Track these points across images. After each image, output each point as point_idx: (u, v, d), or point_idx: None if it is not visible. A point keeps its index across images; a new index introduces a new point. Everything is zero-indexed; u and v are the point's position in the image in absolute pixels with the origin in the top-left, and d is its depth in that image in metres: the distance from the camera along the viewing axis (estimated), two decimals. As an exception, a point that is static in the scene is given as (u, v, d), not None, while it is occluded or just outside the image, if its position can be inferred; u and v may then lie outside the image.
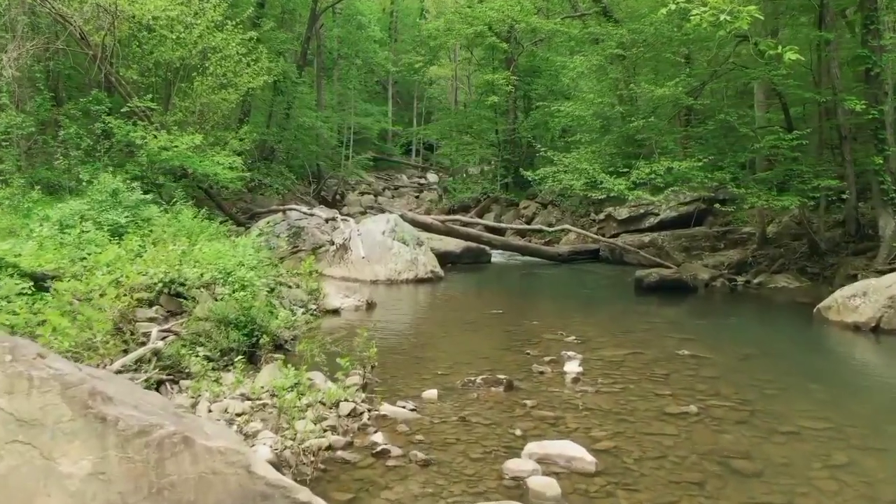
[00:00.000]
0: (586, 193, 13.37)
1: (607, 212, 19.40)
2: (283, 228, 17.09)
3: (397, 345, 8.73)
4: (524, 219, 23.83)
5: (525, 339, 9.08)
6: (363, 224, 16.05)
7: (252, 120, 26.15)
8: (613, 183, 12.17)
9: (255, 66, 17.43)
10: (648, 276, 13.30)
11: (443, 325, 10.17)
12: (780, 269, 14.05)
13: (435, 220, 17.48)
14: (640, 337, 9.29)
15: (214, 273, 8.26)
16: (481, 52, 27.70)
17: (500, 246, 18.13)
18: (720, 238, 17.41)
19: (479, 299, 12.98)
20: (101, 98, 15.68)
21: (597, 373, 7.41)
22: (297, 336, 7.93)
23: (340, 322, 10.25)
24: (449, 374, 7.36)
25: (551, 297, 13.20)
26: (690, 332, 9.67)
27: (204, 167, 15.34)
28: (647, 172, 11.85)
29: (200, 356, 6.70)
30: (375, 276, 14.69)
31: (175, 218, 10.20)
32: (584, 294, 13.58)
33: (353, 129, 36.46)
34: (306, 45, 29.00)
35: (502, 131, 25.15)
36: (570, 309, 11.65)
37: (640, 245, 17.47)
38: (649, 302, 12.63)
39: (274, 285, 9.54)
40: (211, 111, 17.32)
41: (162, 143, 14.64)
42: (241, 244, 9.51)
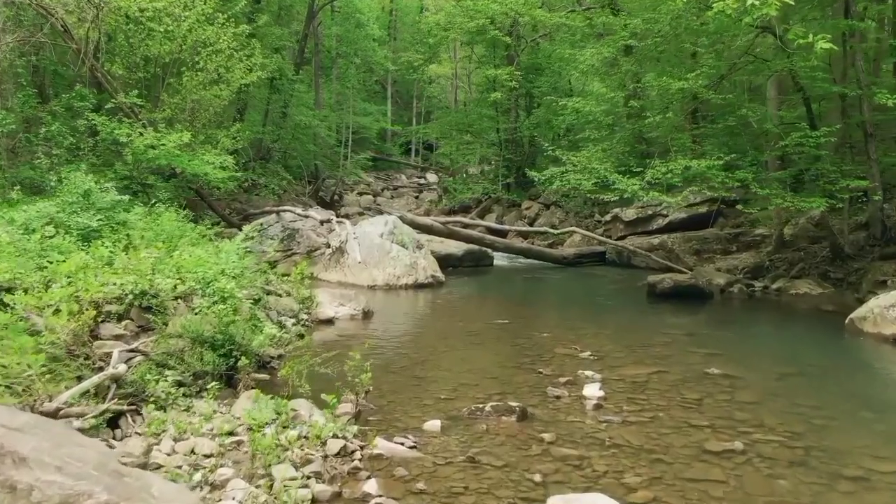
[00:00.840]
0: (597, 195, 12.45)
1: (614, 213, 18.46)
2: (277, 230, 16.17)
3: (395, 361, 7.80)
4: (526, 220, 22.90)
5: (536, 354, 8.15)
6: (360, 226, 15.11)
7: (248, 118, 25.23)
8: (627, 183, 11.24)
9: (247, 62, 16.45)
10: (662, 282, 12.37)
11: (445, 338, 9.23)
12: (800, 273, 13.12)
13: (435, 222, 16.55)
14: (661, 352, 8.35)
15: (192, 283, 7.31)
16: (482, 50, 26.77)
17: (502, 248, 17.19)
18: (732, 240, 16.48)
19: (482, 307, 12.04)
20: (85, 94, 14.73)
21: (620, 397, 6.47)
22: (284, 355, 6.96)
23: (334, 333, 9.32)
24: (453, 398, 6.43)
25: (559, 304, 12.26)
26: (714, 345, 8.74)
27: (193, 167, 14.39)
28: (663, 172, 10.92)
29: (169, 381, 5.76)
30: (373, 280, 13.76)
31: (154, 221, 9.25)
32: (593, 301, 12.65)
33: (351, 128, 35.50)
34: (303, 43, 28.04)
35: (504, 130, 24.20)
36: (580, 318, 10.71)
37: (649, 248, 16.54)
38: (664, 310, 11.70)
39: (260, 295, 8.58)
40: (202, 108, 16.35)
41: (148, 142, 13.70)
42: (225, 250, 8.56)
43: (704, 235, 16.64)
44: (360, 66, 37.10)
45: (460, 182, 26.54)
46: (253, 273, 10.12)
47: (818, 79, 11.05)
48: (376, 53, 37.49)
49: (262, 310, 8.53)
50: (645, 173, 11.17)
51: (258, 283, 9.96)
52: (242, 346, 6.34)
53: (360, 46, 35.60)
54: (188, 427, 5.10)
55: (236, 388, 6.21)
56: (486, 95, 25.97)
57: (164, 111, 15.26)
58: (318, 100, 30.80)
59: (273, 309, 9.06)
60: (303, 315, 9.87)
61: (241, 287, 8.13)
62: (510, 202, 23.87)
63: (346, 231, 14.10)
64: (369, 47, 36.51)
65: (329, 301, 10.69)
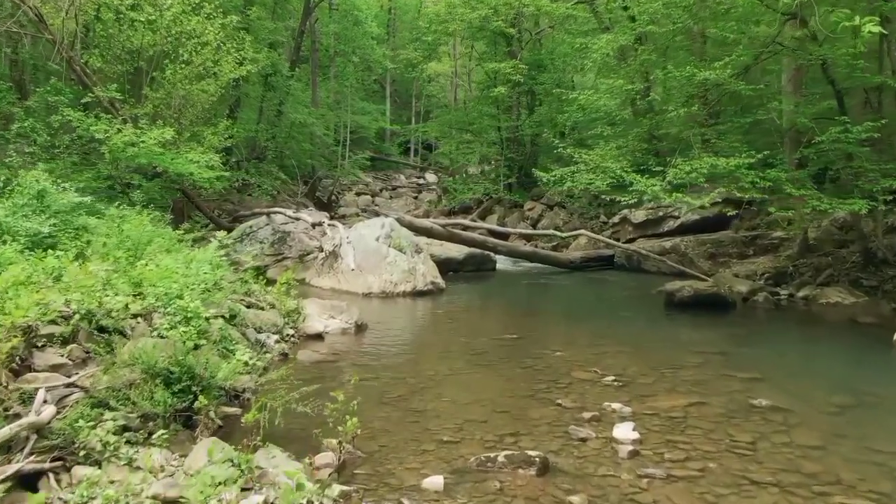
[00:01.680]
0: (612, 196, 11.28)
1: (622, 214, 17.30)
2: (268, 233, 15.00)
3: (390, 389, 6.63)
4: (529, 221, 21.75)
5: (551, 379, 6.98)
6: (355, 229, 13.94)
7: (243, 116, 24.06)
8: (645, 184, 10.06)
9: (236, 55, 15.26)
10: (681, 291, 11.21)
11: (447, 358, 8.06)
12: (829, 280, 11.97)
13: (435, 224, 15.38)
14: (694, 375, 7.19)
15: (153, 299, 6.15)
16: (483, 46, 25.60)
17: (506, 252, 16.03)
18: (749, 244, 15.33)
19: (487, 318, 10.87)
20: (61, 88, 13.57)
21: (657, 439, 5.31)
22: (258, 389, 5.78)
23: (323, 351, 8.15)
24: (458, 440, 5.27)
25: (570, 314, 11.07)
26: (752, 366, 7.58)
27: (176, 166, 13.22)
28: (686, 171, 9.76)
29: (108, 427, 4.60)
30: (368, 287, 12.60)
31: (118, 226, 8.07)
32: (607, 311, 11.47)
33: (349, 127, 34.28)
34: (300, 40, 26.83)
35: (506, 128, 23.02)
36: (595, 332, 9.54)
37: (662, 251, 15.40)
38: (685, 321, 10.54)
39: (236, 311, 7.40)
40: (188, 104, 15.16)
41: (127, 139, 12.53)
42: (197, 259, 7.39)
43: (719, 238, 15.49)
44: (359, 64, 35.88)
45: (460, 182, 25.36)
46: (232, 283, 9.00)
47: (858, 68, 9.87)
48: (375, 51, 36.29)
49: (238, 328, 7.36)
50: (665, 172, 10.00)
51: (238, 294, 8.83)
52: (204, 380, 5.17)
53: (358, 44, 34.37)
54: (123, 495, 3.93)
55: (195, 431, 5.04)
56: (488, 93, 24.82)
57: (146, 107, 14.10)
58: (314, 98, 29.61)
59: (252, 325, 7.88)
60: (288, 330, 8.71)
61: (214, 302, 6.97)
62: (512, 203, 22.71)
63: (339, 235, 12.91)
64: (367, 45, 35.27)
65: (318, 313, 9.53)
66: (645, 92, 12.80)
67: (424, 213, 25.13)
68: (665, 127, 11.45)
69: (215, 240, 8.20)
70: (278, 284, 9.33)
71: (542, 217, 21.66)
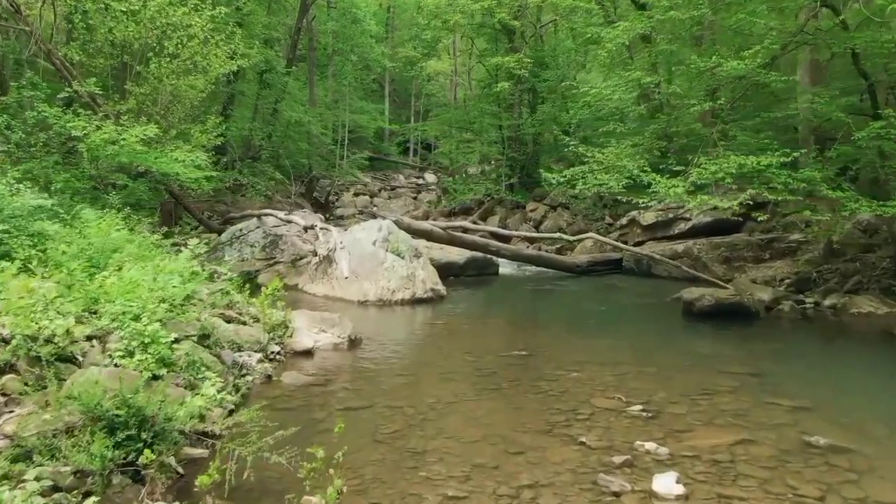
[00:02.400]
0: (628, 197, 10.29)
1: (631, 216, 16.32)
2: (259, 237, 14.01)
3: (385, 421, 5.66)
4: (532, 222, 20.77)
5: (570, 408, 6.00)
6: (351, 232, 12.94)
7: (238, 115, 23.09)
8: (667, 185, 9.08)
9: (225, 48, 14.23)
10: (701, 300, 10.23)
11: (449, 380, 7.07)
12: (857, 288, 11.01)
13: (435, 227, 14.39)
14: (731, 404, 6.22)
15: (106, 321, 5.17)
16: (484, 43, 24.60)
17: (509, 256, 15.05)
18: (764, 247, 14.36)
19: (492, 330, 9.87)
20: (37, 82, 12.57)
21: (706, 493, 4.34)
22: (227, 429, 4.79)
23: (311, 372, 7.17)
24: (466, 495, 4.32)
25: (582, 326, 10.07)
26: (795, 391, 6.61)
27: (160, 165, 12.23)
28: (712, 171, 8.78)
29: (34, 489, 3.62)
30: (364, 295, 11.62)
31: (79, 232, 7.08)
32: (621, 321, 10.48)
33: (347, 127, 33.29)
34: (296, 37, 25.82)
35: (507, 127, 22.01)
36: (612, 347, 8.56)
37: (673, 255, 14.41)
38: (708, 333, 9.56)
39: (209, 330, 6.41)
40: (176, 100, 14.15)
41: (107, 136, 11.53)
42: (167, 270, 6.41)
43: (734, 242, 14.51)
44: (357, 63, 34.91)
45: (460, 182, 24.36)
46: (213, 294, 8.02)
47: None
48: (373, 50, 35.32)
49: (212, 349, 6.37)
50: (687, 172, 9.02)
51: (219, 307, 7.85)
52: (157, 424, 4.18)
53: (356, 43, 33.38)
54: None
55: (143, 488, 4.06)
56: (489, 91, 23.84)
57: (129, 102, 13.10)
58: (312, 97, 28.62)
59: (231, 344, 6.89)
60: (273, 347, 7.72)
61: (183, 321, 5.99)
62: (514, 204, 21.71)
63: (333, 240, 11.93)
64: (366, 43, 34.31)
65: (308, 326, 8.54)
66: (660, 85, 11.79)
67: (424, 213, 24.15)
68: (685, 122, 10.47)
69: (188, 248, 7.20)
70: (263, 295, 8.32)
71: (546, 218, 20.68)
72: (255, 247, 13.78)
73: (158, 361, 4.88)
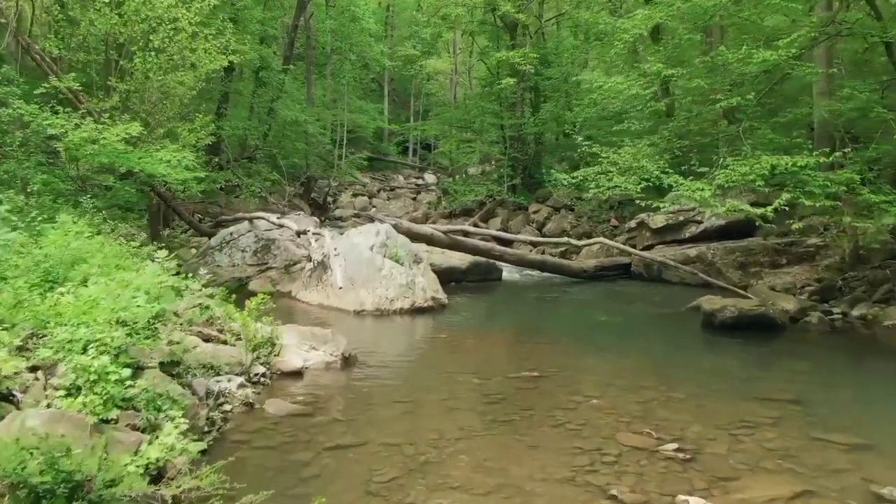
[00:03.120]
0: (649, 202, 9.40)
1: (639, 219, 15.45)
2: (250, 241, 13.13)
3: (381, 467, 4.78)
4: (535, 224, 19.91)
5: (594, 447, 5.13)
6: (347, 237, 12.07)
7: (233, 114, 22.20)
8: (691, 188, 8.20)
9: (214, 42, 13.32)
10: (723, 311, 9.36)
11: (454, 409, 6.19)
12: (888, 297, 10.15)
13: (436, 231, 13.51)
14: (777, 439, 5.35)
15: (48, 352, 4.30)
16: (485, 40, 23.71)
17: (514, 261, 14.18)
18: (781, 252, 13.50)
19: (498, 345, 8.98)
20: (12, 77, 11.69)
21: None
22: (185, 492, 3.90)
23: (298, 397, 6.31)
24: (478, 574, 3.42)
25: (595, 340, 9.16)
26: (846, 423, 5.76)
27: (144, 165, 11.34)
28: (741, 173, 7.92)
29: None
30: (361, 304, 10.76)
31: (35, 241, 6.20)
32: (638, 335, 9.57)
33: (346, 127, 32.38)
34: (293, 34, 24.91)
35: (510, 126, 21.12)
36: (633, 367, 7.69)
37: (686, 260, 13.56)
38: (734, 350, 8.70)
39: (179, 357, 5.52)
40: (164, 97, 13.25)
41: (86, 134, 10.65)
42: (133, 286, 5.53)
43: (749, 246, 13.64)
44: (356, 62, 34.01)
45: (461, 183, 23.46)
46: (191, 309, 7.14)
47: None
48: (372, 49, 34.43)
49: (182, 377, 5.49)
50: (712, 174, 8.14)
51: (197, 323, 6.97)
52: (96, 492, 3.31)
53: (355, 41, 32.49)
54: None
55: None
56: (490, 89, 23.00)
57: (112, 99, 12.21)
58: (309, 96, 27.69)
59: (206, 370, 6.02)
60: (258, 368, 6.85)
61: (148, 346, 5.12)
62: (516, 205, 20.84)
63: (326, 245, 11.06)
64: (365, 42, 33.42)
65: (297, 343, 7.67)
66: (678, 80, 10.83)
67: (423, 215, 23.27)
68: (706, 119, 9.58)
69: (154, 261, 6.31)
70: (247, 309, 7.43)
71: (549, 220, 19.83)
72: (247, 252, 12.90)
73: (107, 402, 4.01)
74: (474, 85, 28.19)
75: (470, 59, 28.49)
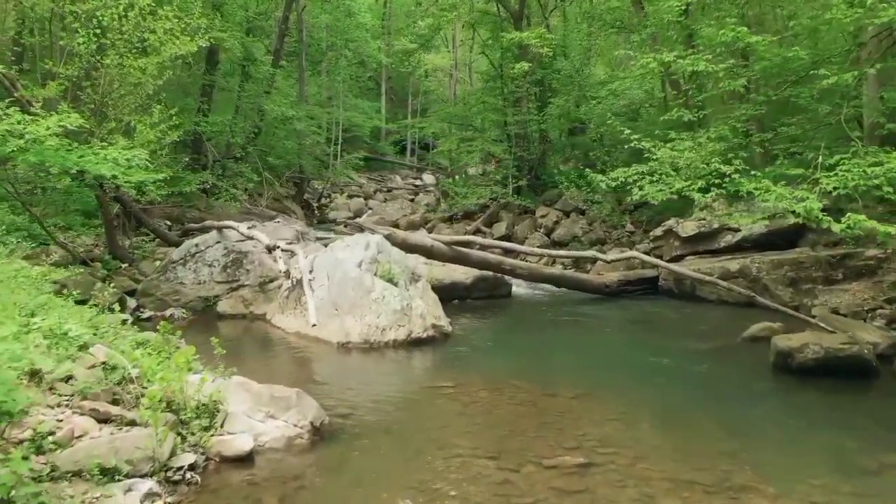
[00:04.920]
0: (725, 217, 7.06)
1: (667, 226, 13.16)
2: (218, 254, 10.80)
3: None
4: (543, 230, 17.63)
5: None
6: (330, 251, 9.77)
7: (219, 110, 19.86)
8: (787, 197, 5.85)
9: (178, 23, 10.97)
10: (803, 351, 7.08)
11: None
12: None
13: (437, 242, 11.17)
14: None
15: None
16: (487, 33, 21.39)
17: (527, 276, 11.88)
18: (836, 265, 11.22)
19: (521, 402, 6.48)
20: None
21: None
22: None
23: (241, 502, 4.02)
24: None
25: (648, 394, 6.65)
26: None
27: (84, 164, 9.04)
28: (859, 174, 5.64)
29: None
30: (345, 335, 8.48)
31: None
32: (697, 383, 7.10)
33: (342, 125, 30.05)
34: (283, 26, 22.49)
35: (515, 123, 18.79)
36: (713, 448, 5.35)
37: (726, 275, 11.28)
38: (826, 406, 6.42)
39: (13, 482, 3.20)
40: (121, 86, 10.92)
41: (7, 128, 8.35)
42: None
43: (799, 258, 11.35)
44: (352, 58, 31.69)
45: (461, 184, 21.12)
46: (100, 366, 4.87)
47: None
48: (369, 45, 32.11)
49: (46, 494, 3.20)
50: (813, 177, 5.84)
51: (101, 387, 4.69)
52: None
53: (350, 37, 30.18)
54: None
55: None
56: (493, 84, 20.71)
57: (51, 87, 9.92)
58: (302, 93, 25.34)
59: (97, 472, 3.73)
60: (183, 458, 4.55)
61: None
62: (522, 209, 18.54)
63: (300, 268, 8.78)
64: (361, 37, 31.10)
65: (250, 408, 5.36)
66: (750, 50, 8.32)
67: (422, 218, 20.97)
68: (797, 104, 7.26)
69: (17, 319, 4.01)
70: (174, 364, 5.11)
71: (558, 225, 17.54)
72: (215, 266, 10.59)
73: None
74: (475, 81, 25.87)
75: (470, 54, 26.17)
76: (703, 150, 6.97)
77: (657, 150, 7.41)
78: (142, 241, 12.66)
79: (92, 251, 11.85)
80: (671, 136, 7.87)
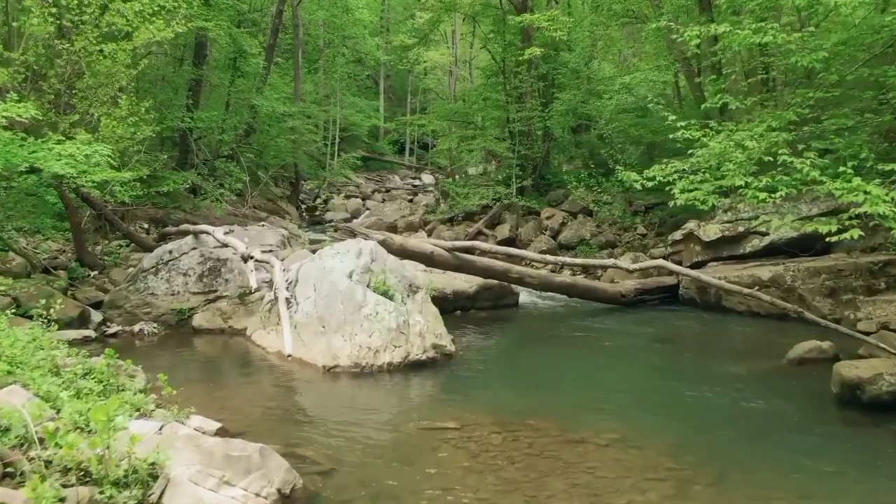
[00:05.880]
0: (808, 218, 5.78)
1: (687, 229, 11.88)
2: (194, 262, 9.51)
3: None
4: (549, 232, 16.37)
5: None
6: (318, 259, 8.47)
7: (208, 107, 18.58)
8: (881, 199, 4.63)
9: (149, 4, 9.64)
10: (876, 382, 5.82)
11: None
12: None
13: (437, 248, 9.87)
14: None
15: None
16: (488, 26, 20.09)
17: (537, 285, 10.60)
18: (877, 273, 9.97)
19: (542, 454, 5.11)
20: None
21: None
22: None
23: None
24: None
25: (692, 440, 5.30)
26: None
27: (33, 160, 7.76)
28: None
29: None
30: (333, 357, 7.21)
31: None
32: (747, 421, 5.80)
33: (339, 124, 28.76)
34: (277, 21, 21.24)
35: (518, 120, 17.48)
36: (774, 497, 4.12)
37: (757, 283, 10.00)
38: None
39: None
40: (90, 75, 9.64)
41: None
42: None
43: (837, 266, 10.08)
44: (349, 56, 30.41)
45: (462, 185, 19.81)
46: None
47: None
48: (367, 42, 30.84)
49: None
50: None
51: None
52: None
53: (348, 34, 28.93)
54: None
55: None
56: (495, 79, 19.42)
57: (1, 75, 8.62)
58: (297, 90, 24.04)
59: None
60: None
61: None
62: (526, 210, 17.25)
63: (278, 282, 7.51)
64: (359, 34, 29.86)
65: (199, 472, 4.06)
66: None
67: (421, 219, 19.69)
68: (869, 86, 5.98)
69: None
70: (106, 414, 3.83)
71: (565, 227, 16.28)
72: (190, 276, 9.31)
73: None
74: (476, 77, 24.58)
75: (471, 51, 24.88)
76: (765, 141, 5.70)
77: (708, 139, 6.09)
78: (117, 246, 11.37)
79: (57, 258, 10.59)
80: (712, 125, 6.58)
